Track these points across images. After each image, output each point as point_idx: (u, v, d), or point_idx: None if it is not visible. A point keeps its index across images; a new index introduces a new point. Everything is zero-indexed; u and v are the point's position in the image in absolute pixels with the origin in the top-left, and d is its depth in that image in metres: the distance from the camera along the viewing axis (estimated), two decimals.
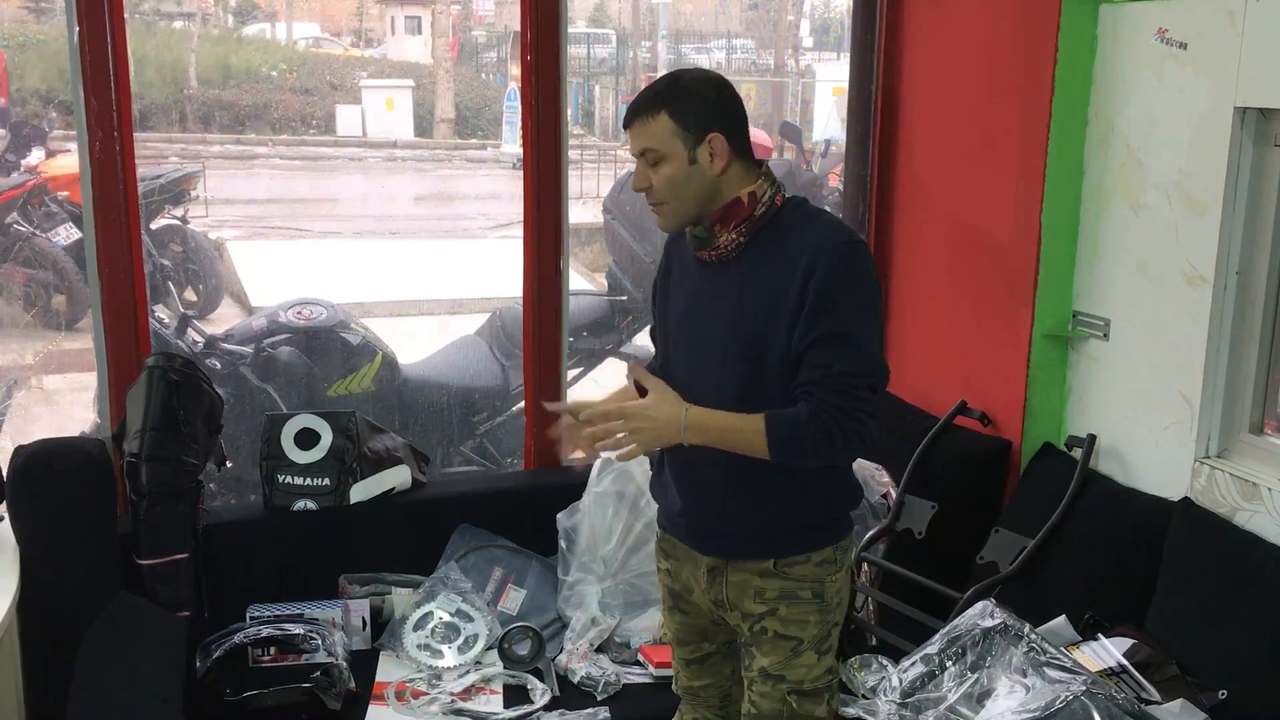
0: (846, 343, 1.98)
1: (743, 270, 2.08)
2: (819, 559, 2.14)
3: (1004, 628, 2.40)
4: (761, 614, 2.15)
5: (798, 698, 2.15)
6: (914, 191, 3.54)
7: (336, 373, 3.93)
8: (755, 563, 2.14)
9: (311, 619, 2.95)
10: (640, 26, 15.58)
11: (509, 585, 3.17)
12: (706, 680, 2.38)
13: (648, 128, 2.05)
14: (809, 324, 1.99)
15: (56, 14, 8.98)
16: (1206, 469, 2.63)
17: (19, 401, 4.57)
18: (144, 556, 2.80)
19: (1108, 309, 2.91)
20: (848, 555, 2.21)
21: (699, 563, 2.21)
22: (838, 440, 1.97)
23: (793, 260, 2.02)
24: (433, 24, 14.52)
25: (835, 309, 1.98)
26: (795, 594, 2.13)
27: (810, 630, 2.15)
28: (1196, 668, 2.39)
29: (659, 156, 2.05)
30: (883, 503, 3.22)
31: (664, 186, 2.06)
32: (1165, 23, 2.67)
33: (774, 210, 2.09)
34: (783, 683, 2.15)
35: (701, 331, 2.13)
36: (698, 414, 2.00)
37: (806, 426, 1.96)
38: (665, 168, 2.05)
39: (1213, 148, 2.56)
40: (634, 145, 2.08)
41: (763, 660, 2.17)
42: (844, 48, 4.05)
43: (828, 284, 1.98)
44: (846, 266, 2.01)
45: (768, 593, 2.14)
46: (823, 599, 2.15)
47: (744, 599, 2.16)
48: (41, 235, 6.25)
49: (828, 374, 1.97)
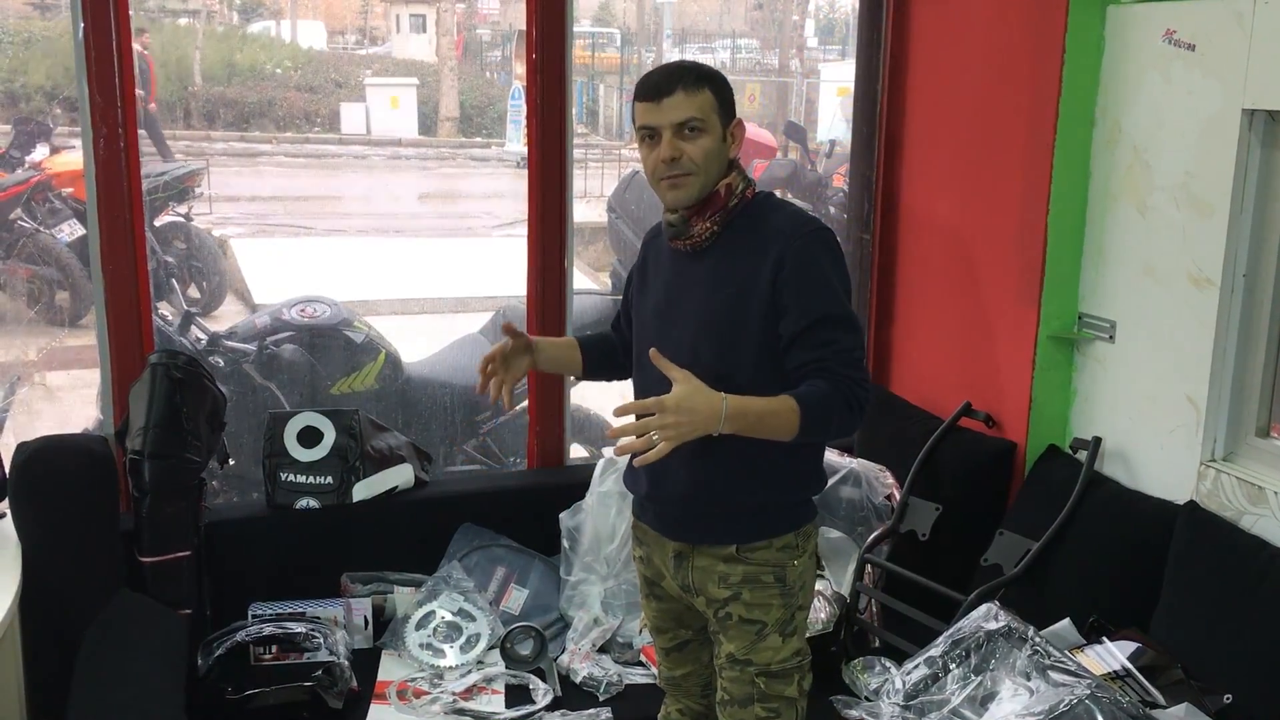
0: (842, 320, 2.07)
1: (715, 258, 2.15)
2: (780, 544, 2.19)
3: (1008, 630, 2.39)
4: (726, 599, 2.19)
5: (766, 679, 2.20)
6: (919, 192, 3.53)
7: (339, 371, 3.93)
8: (719, 548, 2.19)
9: (313, 617, 2.95)
10: (645, 26, 15.57)
11: (511, 585, 3.17)
12: (687, 668, 2.42)
13: (694, 99, 2.09)
14: (802, 306, 2.05)
15: (62, 10, 8.98)
16: (1212, 472, 2.62)
17: (22, 398, 4.57)
18: (146, 554, 2.80)
19: (1114, 311, 2.90)
20: (810, 541, 2.26)
21: (667, 548, 2.26)
22: (855, 408, 2.03)
23: (763, 247, 2.09)
24: (437, 22, 14.52)
25: (825, 289, 2.07)
26: (758, 579, 2.18)
27: (773, 614, 2.19)
28: (1202, 672, 2.38)
29: (701, 127, 2.10)
30: (887, 504, 3.21)
31: (701, 158, 2.10)
32: (1173, 24, 2.66)
33: (744, 202, 2.17)
34: (750, 666, 2.20)
35: (674, 318, 2.19)
36: (737, 402, 1.96)
37: (832, 399, 2.01)
38: (705, 140, 2.10)
39: (1220, 149, 2.55)
40: (671, 115, 2.09)
41: (729, 646, 2.21)
42: (849, 48, 4.05)
43: (810, 267, 2.07)
44: (824, 250, 2.10)
45: (731, 578, 2.18)
46: (785, 583, 2.19)
47: (708, 584, 2.20)
48: (45, 232, 6.26)
49: (837, 349, 2.04)
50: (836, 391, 2.01)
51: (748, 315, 2.09)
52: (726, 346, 2.11)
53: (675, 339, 2.14)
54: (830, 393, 2.01)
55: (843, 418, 2.03)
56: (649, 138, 2.12)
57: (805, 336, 2.05)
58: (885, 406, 3.56)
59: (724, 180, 2.15)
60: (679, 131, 2.09)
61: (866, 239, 3.68)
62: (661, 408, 1.91)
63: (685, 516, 2.22)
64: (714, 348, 2.12)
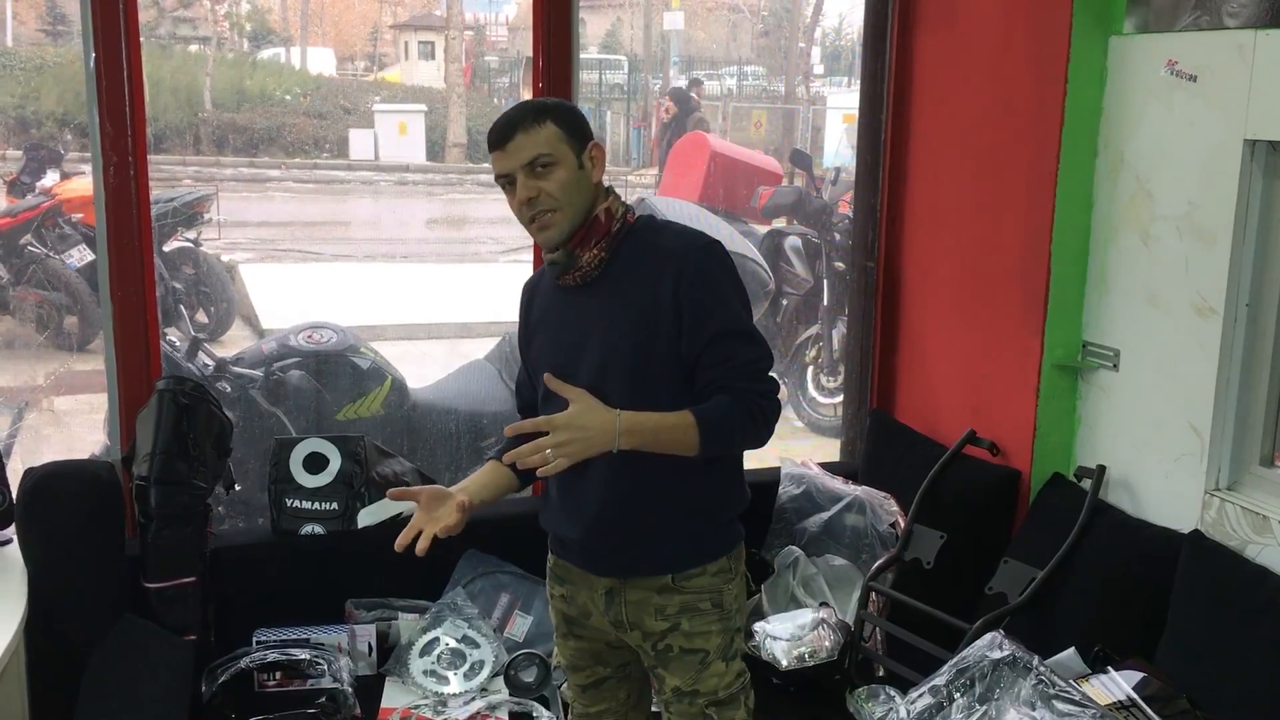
0: (740, 335, 2.08)
1: (607, 287, 2.12)
2: (715, 569, 2.18)
3: (1013, 659, 2.38)
4: (664, 631, 2.17)
5: (716, 708, 2.19)
6: (924, 220, 3.54)
7: (346, 397, 3.93)
8: (653, 579, 2.15)
9: (318, 644, 2.95)
10: (652, 54, 15.66)
11: (515, 611, 3.17)
12: (602, 705, 2.38)
13: (536, 136, 2.05)
14: (698, 324, 2.05)
15: (74, 37, 9.05)
16: (1217, 501, 2.62)
17: (30, 423, 4.58)
18: (151, 579, 2.80)
19: (1117, 339, 2.90)
20: (740, 562, 2.25)
21: (595, 585, 2.21)
22: (759, 420, 2.06)
23: (656, 269, 2.07)
24: (446, 49, 14.62)
25: (721, 306, 2.07)
26: (695, 607, 2.16)
27: (714, 640, 2.18)
28: (1207, 702, 2.37)
29: (551, 161, 2.05)
30: (891, 532, 3.21)
31: (559, 191, 2.06)
32: (1175, 55, 2.68)
33: (627, 226, 2.14)
34: (698, 698, 2.19)
35: (576, 357, 2.12)
36: (630, 417, 2.00)
37: (732, 413, 2.04)
38: (559, 172, 2.05)
39: (1223, 179, 2.56)
40: (518, 158, 2.05)
41: (674, 680, 2.19)
42: (855, 75, 4.07)
43: (706, 284, 2.06)
44: (718, 265, 2.09)
45: (668, 609, 2.16)
46: (722, 608, 2.19)
47: (644, 617, 2.17)
48: (55, 257, 6.29)
49: (735, 364, 2.06)
50: (736, 404, 2.04)
51: (653, 337, 2.07)
52: (636, 377, 2.07)
53: (582, 376, 2.09)
54: (730, 406, 2.04)
55: (746, 430, 2.06)
56: (508, 185, 2.09)
57: (707, 353, 2.06)
58: (890, 434, 3.56)
59: (601, 205, 2.11)
60: (531, 171, 2.05)
61: (871, 266, 3.69)
62: (552, 425, 1.96)
63: (611, 549, 2.17)
64: (623, 381, 2.07)
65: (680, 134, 9.60)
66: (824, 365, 6.10)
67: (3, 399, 4.77)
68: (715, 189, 7.26)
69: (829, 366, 6.06)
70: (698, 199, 7.05)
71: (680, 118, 10.05)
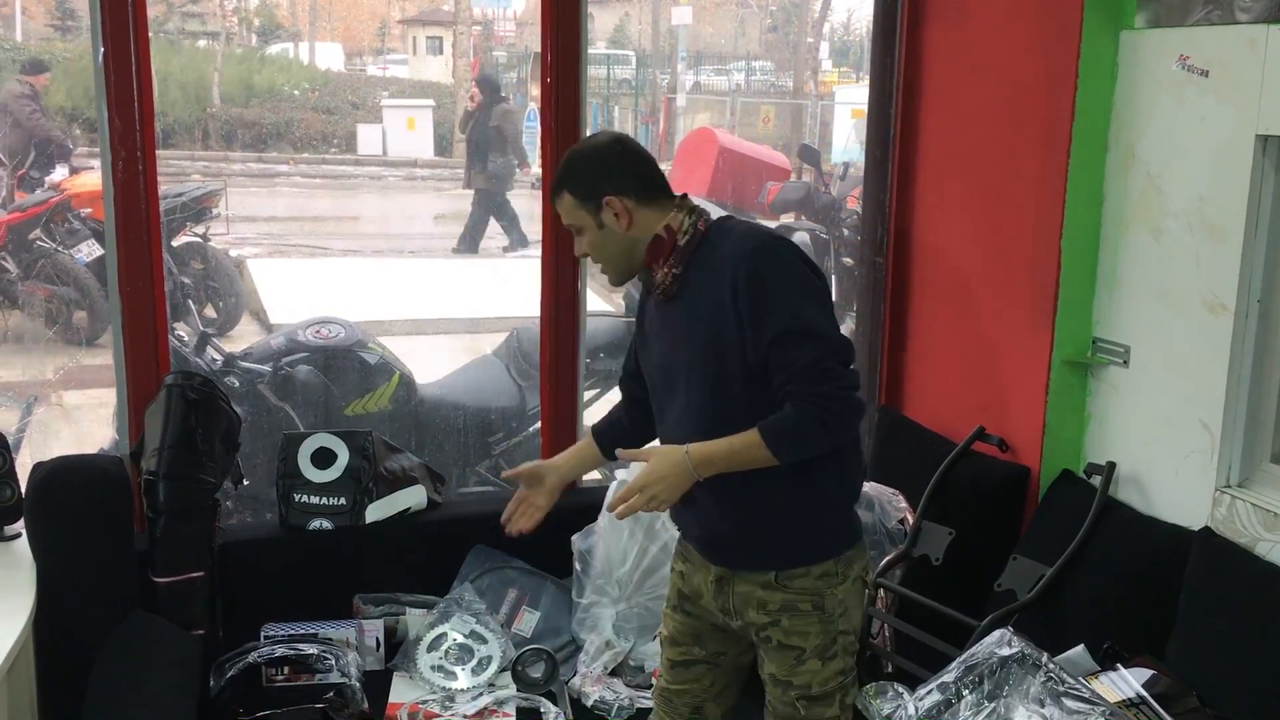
0: (801, 334, 2.04)
1: (684, 300, 2.17)
2: (819, 572, 2.19)
3: (1022, 656, 2.38)
4: (765, 624, 2.21)
5: (806, 703, 2.22)
6: (933, 215, 3.53)
7: (354, 392, 3.94)
8: (758, 574, 2.20)
9: (326, 639, 2.95)
10: (660, 49, 15.64)
11: (523, 607, 3.17)
12: (685, 685, 2.41)
13: (561, 208, 2.22)
14: (756, 331, 2.06)
15: (83, 32, 9.06)
16: (1227, 498, 2.60)
17: (39, 417, 4.59)
18: (160, 574, 2.81)
19: (1128, 336, 2.89)
20: (852, 568, 2.24)
21: (709, 571, 2.28)
22: (832, 423, 2.05)
23: (719, 276, 2.10)
24: (454, 44, 14.62)
25: (777, 308, 2.05)
26: (795, 606, 2.19)
27: (812, 640, 2.20)
28: (1217, 699, 2.36)
29: (577, 228, 2.22)
30: (900, 528, 3.20)
31: (593, 251, 2.22)
32: (1186, 50, 2.66)
33: (700, 236, 2.17)
34: (791, 689, 2.23)
35: (668, 367, 2.23)
36: (698, 450, 2.08)
37: (797, 423, 2.04)
38: (586, 236, 2.21)
39: (1234, 175, 2.55)
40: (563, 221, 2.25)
41: (771, 667, 2.25)
42: (864, 70, 4.06)
43: (756, 288, 2.06)
44: (768, 264, 2.08)
45: (769, 604, 2.20)
46: (823, 611, 2.20)
47: (748, 609, 2.23)
48: (64, 252, 6.31)
49: (798, 369, 2.03)
50: (801, 414, 2.03)
51: (725, 347, 2.10)
52: (714, 384, 2.13)
53: (674, 386, 2.22)
54: (795, 418, 2.04)
55: (817, 435, 2.06)
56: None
57: (770, 360, 2.06)
58: (898, 430, 3.55)
59: (661, 223, 2.17)
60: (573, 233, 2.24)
61: (880, 262, 3.68)
62: (630, 492, 2.10)
63: (724, 544, 2.25)
64: (703, 390, 2.15)
65: (486, 125, 9.41)
66: None
67: (12, 393, 4.78)
68: (723, 184, 7.26)
69: None
70: (706, 194, 7.05)
71: (486, 106, 9.64)
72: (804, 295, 2.08)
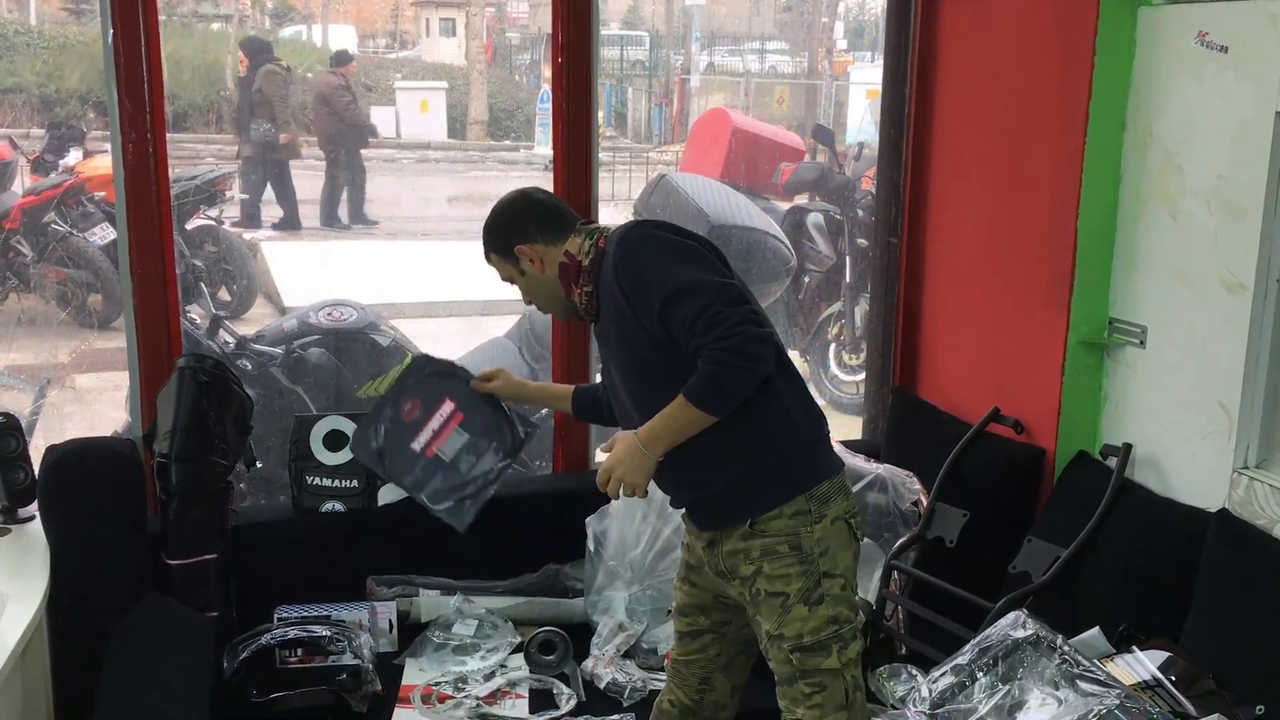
0: (679, 293, 2.14)
1: (603, 314, 2.33)
2: (791, 510, 2.23)
3: (1036, 639, 2.37)
4: (752, 575, 2.26)
5: (800, 654, 2.24)
6: (947, 195, 3.51)
7: (366, 374, 3.94)
8: (736, 527, 2.27)
9: (339, 621, 2.95)
10: (674, 29, 15.57)
11: (453, 425, 2.86)
12: (693, 656, 2.48)
13: (493, 266, 2.46)
14: (646, 309, 2.18)
15: (96, 15, 9.08)
16: (1245, 479, 2.58)
17: (52, 400, 4.60)
18: (173, 556, 2.82)
19: (1145, 316, 2.87)
20: (828, 507, 2.26)
21: (701, 538, 2.37)
22: (738, 362, 2.11)
23: (611, 282, 2.26)
24: (467, 26, 14.59)
25: (651, 280, 2.18)
26: (774, 550, 2.24)
27: (794, 584, 2.23)
28: (1233, 682, 2.34)
29: (509, 278, 2.45)
30: (914, 510, 3.19)
31: (526, 296, 2.47)
32: (1205, 25, 2.63)
33: (600, 253, 2.31)
34: (784, 641, 2.25)
35: (610, 373, 2.41)
36: (644, 430, 2.23)
37: (709, 373, 2.12)
38: (520, 285, 2.44)
39: (1254, 153, 2.52)
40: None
41: (765, 624, 2.28)
42: (878, 50, 4.03)
43: (631, 268, 2.21)
44: (630, 249, 2.24)
45: (752, 552, 2.26)
46: (800, 550, 2.23)
47: (738, 564, 2.28)
48: (78, 235, 6.32)
49: (688, 325, 2.12)
50: (708, 364, 2.11)
51: (638, 341, 2.24)
52: (644, 375, 2.28)
53: (619, 391, 2.38)
54: (704, 370, 2.12)
55: (733, 379, 2.13)
56: None
57: (668, 326, 2.16)
58: (912, 411, 3.53)
59: (562, 250, 2.34)
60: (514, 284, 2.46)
61: (894, 242, 3.66)
62: (601, 479, 2.30)
63: (701, 507, 2.35)
64: (634, 381, 2.32)
65: (257, 91, 8.70)
66: (846, 342, 6.07)
67: (25, 376, 4.79)
68: (737, 165, 7.21)
69: (851, 344, 6.03)
70: (719, 176, 7.01)
71: (252, 70, 8.94)
72: (670, 258, 2.20)
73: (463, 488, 2.85)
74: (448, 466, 2.85)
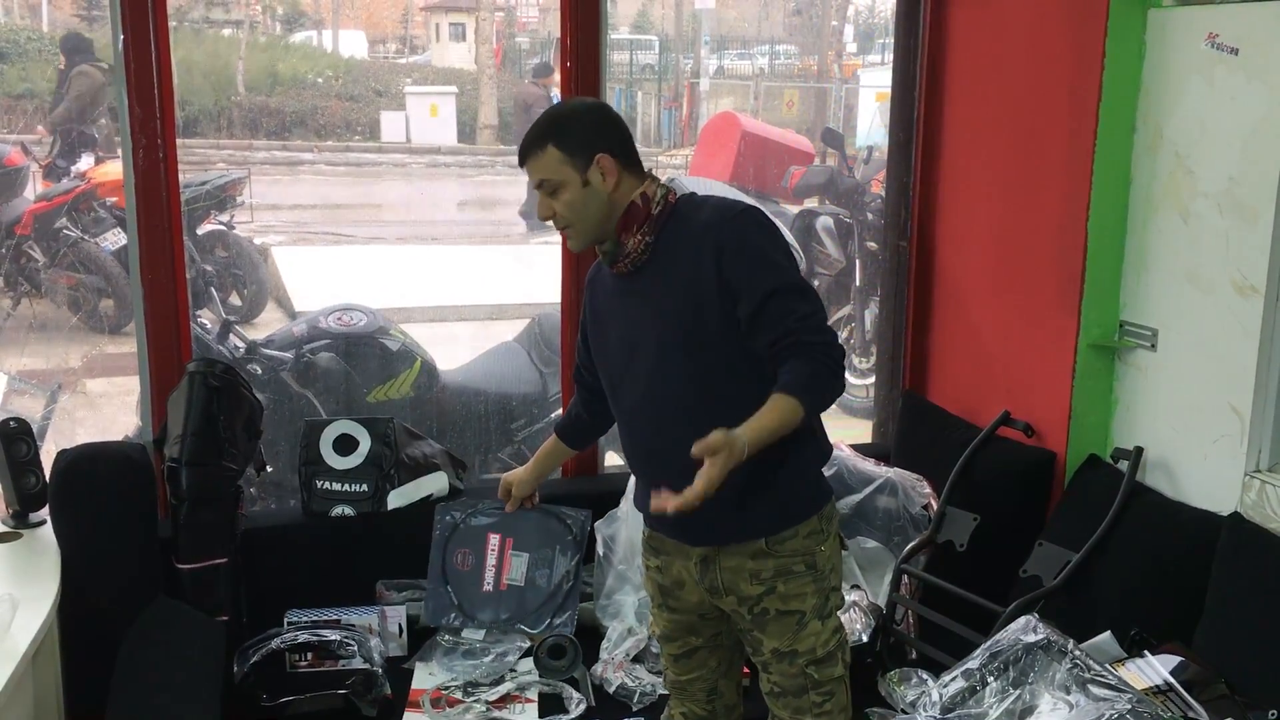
0: (794, 290, 2.08)
1: (657, 268, 2.17)
2: (807, 530, 2.21)
3: (1047, 643, 2.36)
4: (759, 595, 2.21)
5: (815, 667, 2.23)
6: (957, 198, 3.50)
7: (375, 379, 3.94)
8: (746, 544, 2.20)
9: (349, 625, 2.96)
10: (684, 33, 15.57)
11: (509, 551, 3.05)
12: (694, 674, 2.43)
13: (539, 162, 2.15)
14: (753, 285, 2.07)
15: (109, 21, 9.12)
16: (1257, 483, 2.57)
17: (63, 405, 4.62)
18: (184, 560, 2.82)
19: (1156, 319, 2.86)
20: (832, 522, 2.27)
21: (690, 555, 2.27)
22: (836, 371, 2.07)
23: (697, 244, 2.12)
24: (476, 31, 14.60)
25: (767, 267, 2.09)
26: (790, 569, 2.20)
27: (809, 601, 2.22)
28: (1246, 687, 2.33)
29: (555, 185, 2.15)
30: (924, 514, 3.18)
31: (566, 212, 2.17)
32: (1216, 28, 2.62)
33: (670, 208, 2.18)
34: (798, 658, 2.23)
35: (638, 340, 2.21)
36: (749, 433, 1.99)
37: (815, 372, 2.04)
38: (564, 194, 2.15)
39: (1265, 154, 2.51)
40: (532, 178, 2.19)
41: (771, 642, 2.23)
42: (888, 53, 4.03)
43: (745, 250, 2.09)
44: (754, 229, 2.12)
45: (763, 573, 2.20)
46: (816, 569, 2.22)
47: (739, 583, 2.22)
48: (90, 240, 6.33)
49: (800, 318, 2.05)
50: (816, 364, 2.04)
51: (704, 313, 2.11)
52: (693, 349, 2.13)
53: (644, 358, 2.19)
54: (813, 369, 2.04)
55: (829, 384, 2.07)
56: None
57: (764, 314, 2.06)
58: (922, 415, 3.53)
59: (637, 191, 2.16)
60: (542, 191, 2.18)
61: (904, 246, 3.65)
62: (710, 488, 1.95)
63: (711, 522, 2.15)
64: (681, 353, 2.14)
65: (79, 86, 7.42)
66: (856, 346, 6.06)
67: (37, 381, 4.80)
68: (746, 169, 7.21)
69: (861, 347, 6.02)
70: (729, 179, 7.01)
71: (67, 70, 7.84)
72: (787, 257, 2.14)
73: (554, 597, 3.02)
74: (525, 589, 3.01)
